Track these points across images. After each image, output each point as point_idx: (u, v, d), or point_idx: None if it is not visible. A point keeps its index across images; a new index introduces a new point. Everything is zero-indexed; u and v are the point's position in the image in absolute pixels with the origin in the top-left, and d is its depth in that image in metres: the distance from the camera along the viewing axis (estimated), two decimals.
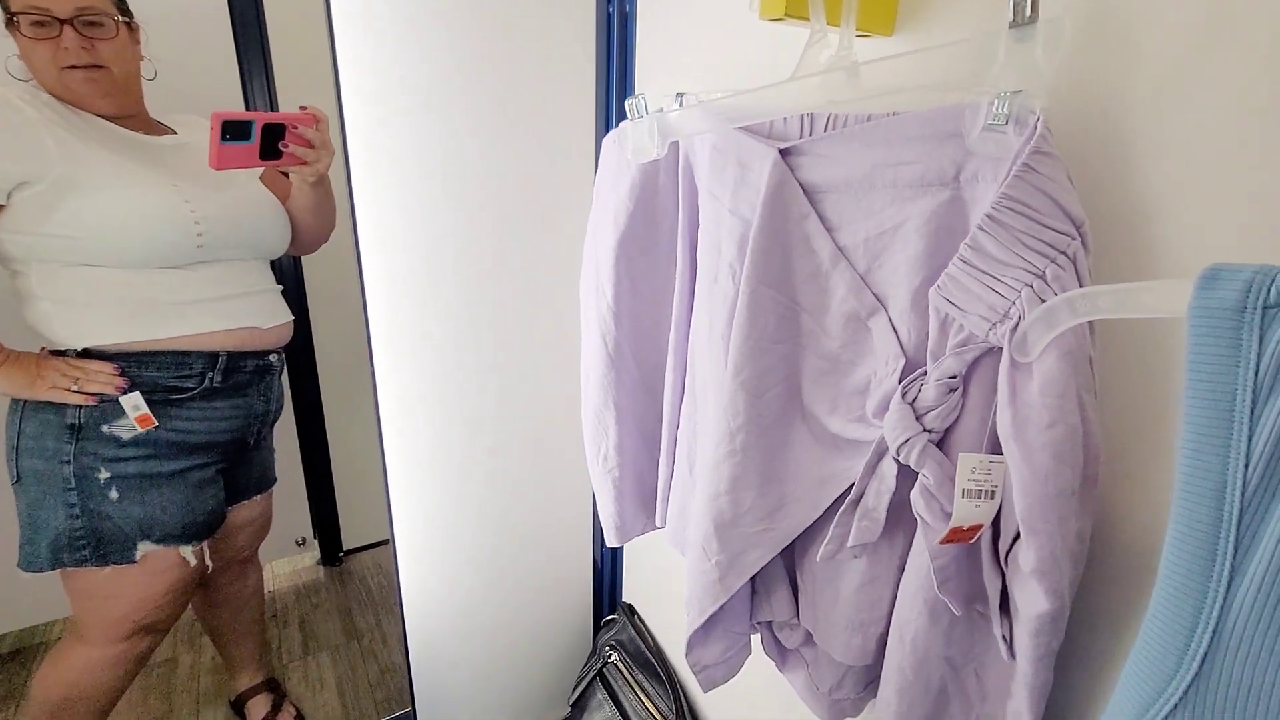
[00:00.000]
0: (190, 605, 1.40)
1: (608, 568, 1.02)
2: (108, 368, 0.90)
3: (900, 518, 0.44)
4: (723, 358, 0.52)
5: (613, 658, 0.92)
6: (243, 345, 1.01)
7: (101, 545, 0.94)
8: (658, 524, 0.69)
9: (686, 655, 0.56)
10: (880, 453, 0.43)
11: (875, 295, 0.44)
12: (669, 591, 0.93)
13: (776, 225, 0.47)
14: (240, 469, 1.17)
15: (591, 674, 0.93)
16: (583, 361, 0.67)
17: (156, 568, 0.98)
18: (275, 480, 1.30)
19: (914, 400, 0.40)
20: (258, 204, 1.03)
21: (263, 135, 0.83)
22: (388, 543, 2.23)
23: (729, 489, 0.51)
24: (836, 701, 0.53)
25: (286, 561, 2.01)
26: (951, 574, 0.40)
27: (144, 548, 0.96)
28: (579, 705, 0.91)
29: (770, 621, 0.57)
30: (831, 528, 0.46)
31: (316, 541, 2.00)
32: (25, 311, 0.91)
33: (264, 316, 1.04)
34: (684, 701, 0.85)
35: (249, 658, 1.51)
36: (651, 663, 0.89)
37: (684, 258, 0.58)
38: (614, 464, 0.66)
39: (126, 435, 0.93)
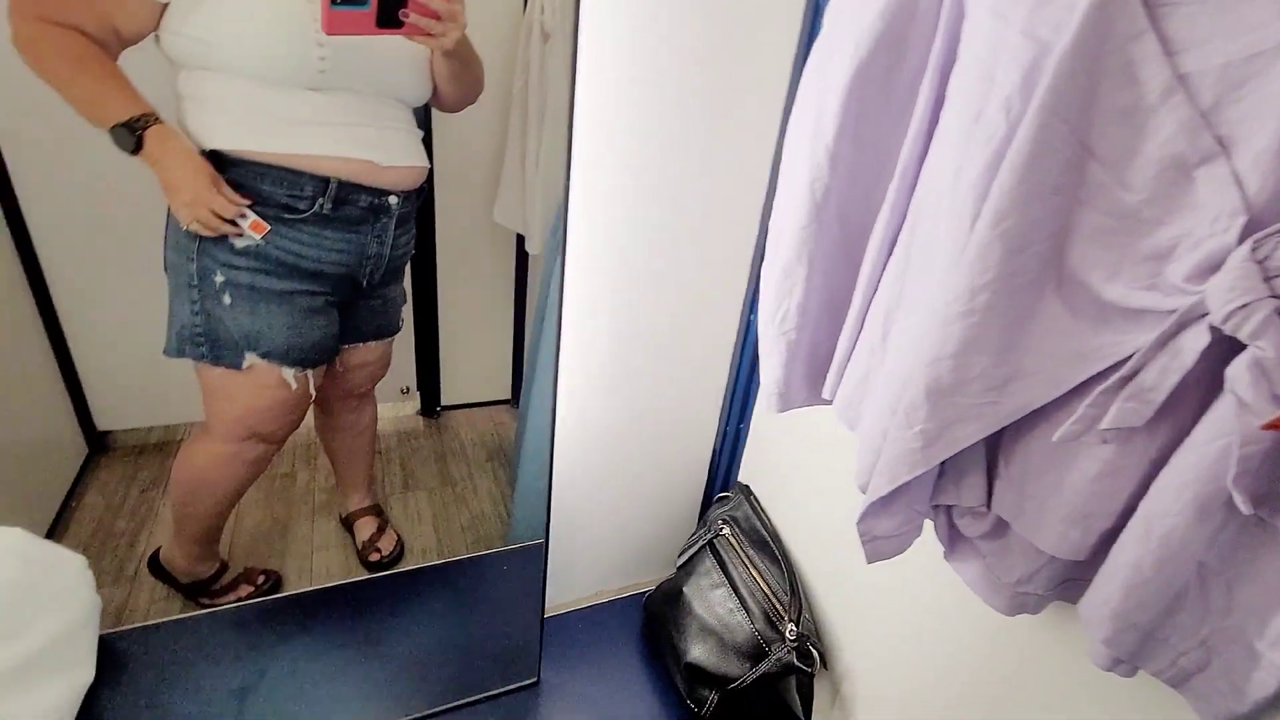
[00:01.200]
0: (315, 428, 1.52)
1: (727, 447, 1.01)
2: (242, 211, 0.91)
3: (1176, 402, 0.39)
4: (970, 207, 0.46)
5: (725, 531, 0.93)
6: (356, 177, 1.00)
7: (215, 346, 1.00)
8: (825, 395, 0.65)
9: (859, 523, 0.54)
10: (1184, 323, 0.37)
11: (1216, 138, 0.36)
12: (790, 476, 0.91)
13: (1091, 47, 0.39)
14: (358, 310, 1.20)
15: (701, 543, 0.94)
16: (777, 212, 0.62)
17: (260, 381, 1.04)
18: (398, 330, 1.33)
19: (1264, 259, 0.33)
20: (397, 46, 0.98)
21: (380, 1, 0.79)
22: (482, 405, 2.33)
23: (956, 353, 0.46)
24: (1020, 595, 0.50)
25: (390, 406, 2.13)
26: (1254, 466, 0.35)
27: (250, 358, 1.01)
28: (686, 569, 0.93)
29: (951, 506, 0.54)
30: (1083, 407, 0.41)
31: (419, 393, 2.10)
32: (177, 109, 0.94)
33: (383, 153, 1.02)
34: (798, 584, 0.85)
35: (359, 483, 1.63)
36: (766, 541, 0.89)
37: (929, 95, 0.51)
38: (793, 325, 0.62)
39: (239, 243, 0.96)
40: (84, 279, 1.52)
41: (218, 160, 0.93)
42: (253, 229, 0.92)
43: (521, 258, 2.11)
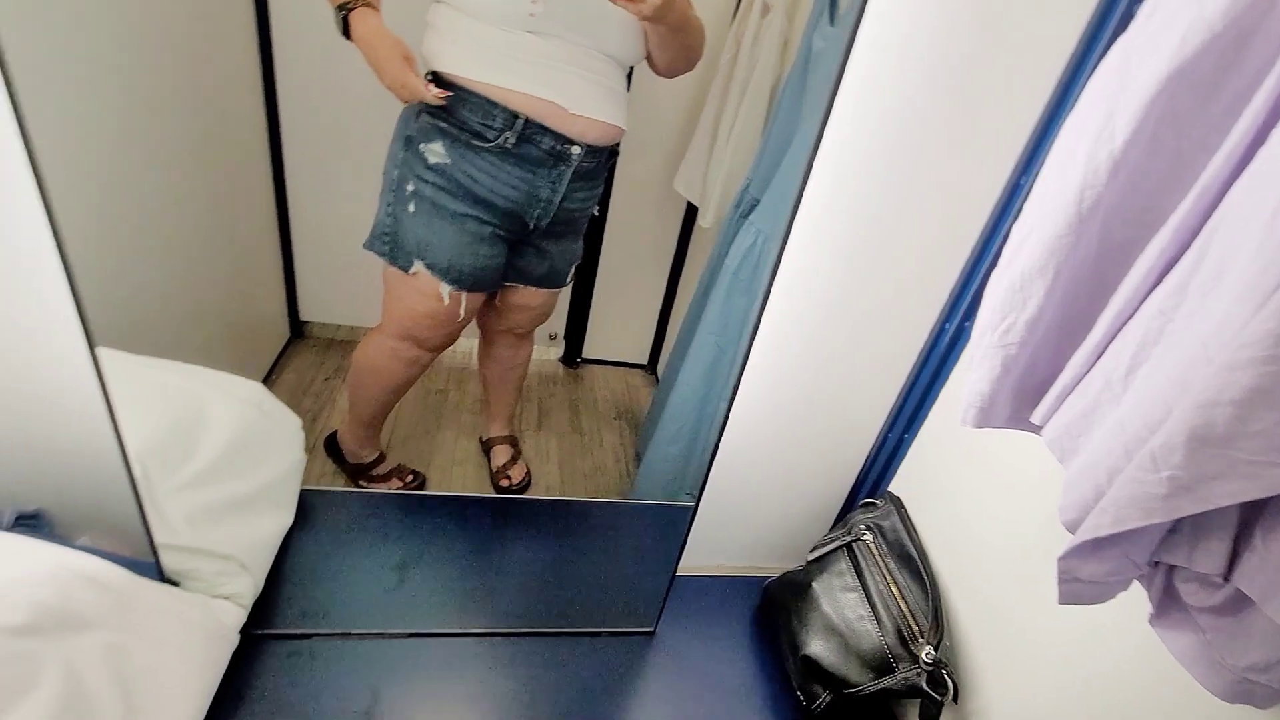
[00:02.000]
0: (477, 355, 1.65)
1: (884, 453, 0.98)
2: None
3: None
4: None
5: (866, 537, 0.90)
6: (542, 117, 1.05)
7: (394, 247, 1.12)
8: (1034, 419, 0.61)
9: (1061, 560, 0.50)
10: None
11: None
12: (951, 497, 0.87)
13: None
14: (526, 253, 1.27)
15: (838, 543, 0.92)
16: (1026, 218, 0.58)
17: (421, 289, 1.13)
18: (563, 284, 1.40)
19: None
20: (609, 5, 1.00)
21: None
22: (619, 365, 2.40)
23: (1239, 401, 0.41)
24: (1247, 681, 0.45)
25: (536, 350, 2.26)
26: None
27: (417, 265, 1.11)
28: (818, 564, 0.92)
29: (1176, 567, 0.49)
30: None
31: (564, 342, 2.21)
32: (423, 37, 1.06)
33: (574, 100, 1.06)
34: (941, 609, 0.81)
35: (502, 413, 1.75)
36: (912, 558, 0.85)
37: (1263, 106, 0.45)
38: (1017, 339, 0.58)
39: (431, 159, 1.05)
40: (315, 182, 1.74)
41: (437, 82, 1.03)
42: (440, 95, 0.99)
43: (686, 230, 2.14)
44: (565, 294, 2.07)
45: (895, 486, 0.97)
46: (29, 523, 0.73)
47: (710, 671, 0.90)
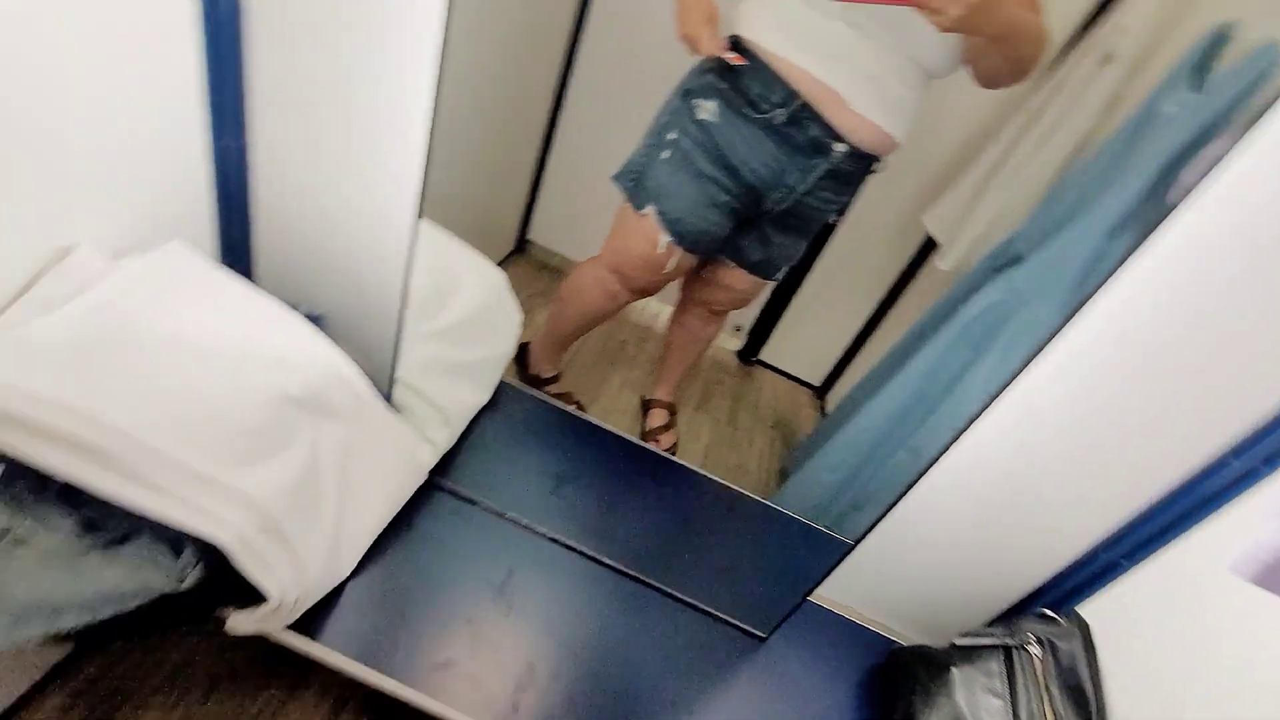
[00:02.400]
0: (669, 319, 1.69)
1: (1087, 571, 0.86)
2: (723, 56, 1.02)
3: None
4: None
5: (1033, 650, 0.80)
6: (818, 104, 1.02)
7: (636, 186, 1.16)
8: None
9: None
10: None
11: None
12: (1151, 644, 0.74)
13: None
14: (750, 234, 1.26)
15: (997, 642, 0.83)
16: None
17: (643, 231, 1.17)
18: (773, 278, 1.38)
19: None
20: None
21: None
22: (790, 378, 2.36)
23: None
24: None
25: (720, 335, 2.28)
26: None
27: (649, 209, 1.14)
28: (966, 652, 0.84)
29: None
30: None
31: (746, 337, 2.20)
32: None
33: (856, 94, 1.02)
34: None
35: (671, 380, 1.79)
36: (1084, 694, 0.75)
37: None
38: None
39: (700, 115, 1.07)
40: (587, 118, 1.86)
41: (735, 46, 1.04)
42: (733, 60, 1.01)
43: (911, 267, 2.02)
44: (765, 290, 2.05)
45: (1086, 610, 0.85)
46: (313, 321, 0.88)
47: (810, 704, 0.86)
